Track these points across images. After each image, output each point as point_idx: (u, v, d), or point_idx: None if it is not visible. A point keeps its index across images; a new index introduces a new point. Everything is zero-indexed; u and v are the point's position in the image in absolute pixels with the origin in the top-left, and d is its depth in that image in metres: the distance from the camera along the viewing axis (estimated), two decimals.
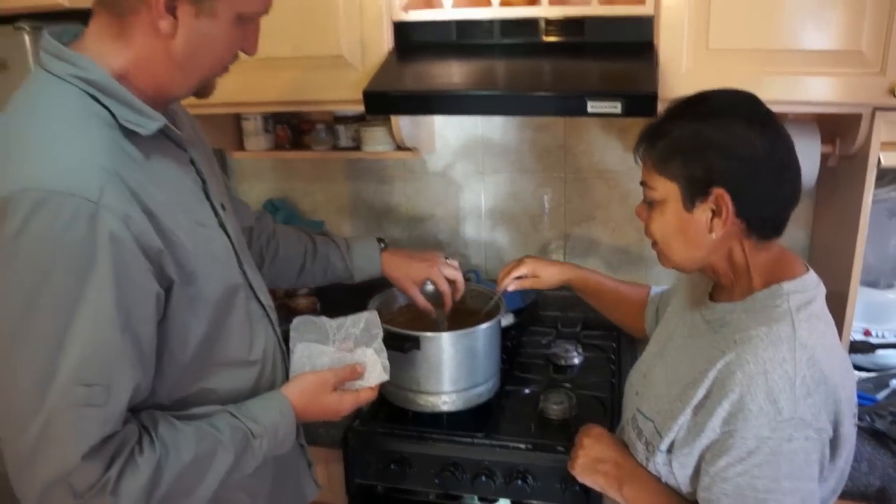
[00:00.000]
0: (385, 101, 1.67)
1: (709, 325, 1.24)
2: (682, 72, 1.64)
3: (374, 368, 1.43)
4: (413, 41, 1.80)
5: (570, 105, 1.57)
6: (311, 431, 1.71)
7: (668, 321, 1.42)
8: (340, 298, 2.27)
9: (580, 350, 2.01)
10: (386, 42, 1.79)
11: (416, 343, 1.66)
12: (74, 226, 0.96)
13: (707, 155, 1.13)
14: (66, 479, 1.00)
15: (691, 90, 1.21)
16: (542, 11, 1.73)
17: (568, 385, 1.85)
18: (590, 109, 1.54)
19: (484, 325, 1.70)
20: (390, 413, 1.76)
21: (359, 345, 1.44)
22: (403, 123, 1.92)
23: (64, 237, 0.95)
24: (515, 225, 2.27)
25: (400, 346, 1.65)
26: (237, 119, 2.20)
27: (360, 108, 1.70)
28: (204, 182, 1.24)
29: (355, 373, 1.39)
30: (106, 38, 1.08)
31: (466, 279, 2.08)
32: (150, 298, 1.05)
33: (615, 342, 2.07)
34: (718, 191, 1.13)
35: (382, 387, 1.77)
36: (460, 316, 1.87)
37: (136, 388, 1.05)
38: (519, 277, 1.75)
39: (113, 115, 1.05)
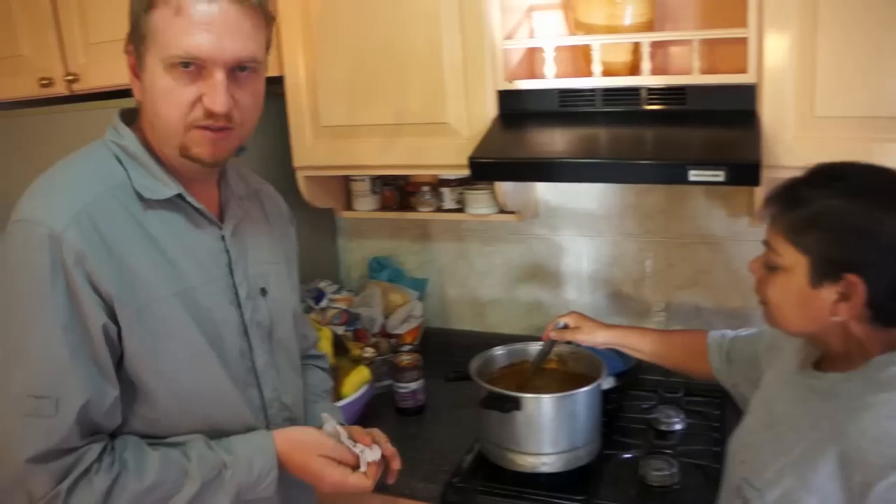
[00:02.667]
0: (490, 167, 1.73)
1: (817, 394, 1.20)
2: (787, 140, 1.63)
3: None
4: (516, 109, 1.86)
5: (672, 173, 1.59)
6: (409, 485, 1.73)
7: (768, 387, 1.39)
8: (443, 356, 2.32)
9: (683, 416, 1.98)
10: (490, 110, 1.86)
11: (516, 404, 1.68)
12: (36, 249, 1.07)
13: (847, 238, 1.08)
14: (23, 485, 1.08)
15: (797, 159, 1.21)
16: (644, 80, 1.76)
17: (669, 451, 1.82)
18: (691, 178, 1.55)
19: (585, 389, 1.71)
20: (489, 471, 1.77)
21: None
22: (507, 187, 1.98)
23: (26, 258, 1.08)
24: (617, 288, 2.27)
25: (500, 405, 1.68)
26: (346, 180, 2.30)
27: (465, 173, 1.77)
28: (230, 258, 1.28)
29: (353, 459, 1.31)
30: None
31: (567, 342, 2.10)
32: (98, 329, 1.10)
33: (719, 409, 2.02)
34: (853, 278, 1.08)
35: (483, 444, 1.81)
36: (562, 378, 1.89)
37: (87, 404, 1.09)
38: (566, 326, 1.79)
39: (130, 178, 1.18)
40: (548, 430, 1.71)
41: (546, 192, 2.26)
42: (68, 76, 1.96)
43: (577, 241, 2.28)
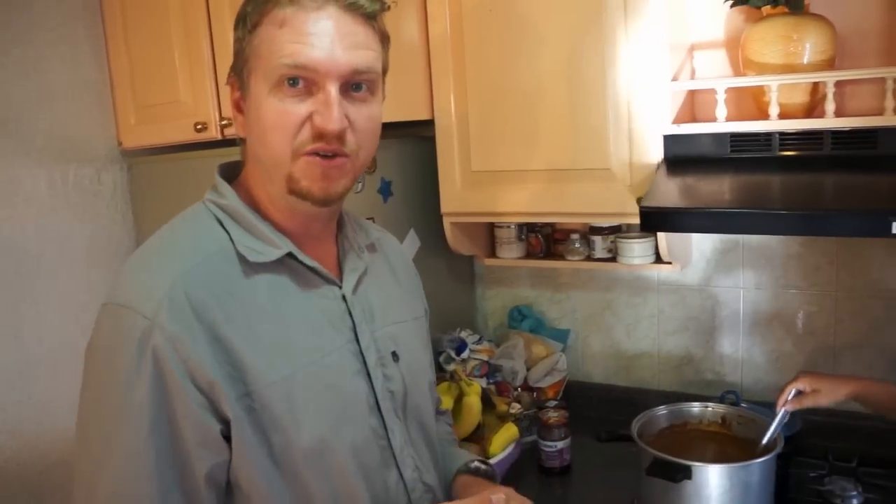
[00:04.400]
0: (663, 217, 1.61)
1: None
2: None
3: None
4: (682, 154, 1.75)
5: (871, 225, 1.44)
6: None
7: None
8: (585, 412, 2.21)
9: (860, 489, 1.79)
10: (655, 155, 1.76)
11: (687, 473, 1.55)
12: (124, 339, 0.94)
13: None
14: None
15: None
16: (829, 123, 1.62)
17: None
18: (895, 230, 1.41)
19: (761, 460, 1.58)
20: None
21: None
22: (669, 237, 1.85)
23: (113, 349, 0.96)
24: (776, 344, 2.11)
25: (671, 475, 1.55)
26: (490, 227, 2.23)
27: (627, 221, 1.66)
28: (353, 321, 1.12)
29: None
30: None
31: (729, 402, 1.95)
32: (195, 431, 0.96)
33: None
34: None
35: None
36: (725, 443, 1.75)
37: None
38: (799, 394, 1.64)
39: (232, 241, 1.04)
40: (719, 503, 1.57)
41: (702, 240, 2.13)
42: (222, 121, 1.97)
43: (734, 293, 2.14)
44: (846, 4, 1.79)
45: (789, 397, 1.65)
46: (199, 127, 2.01)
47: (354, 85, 1.02)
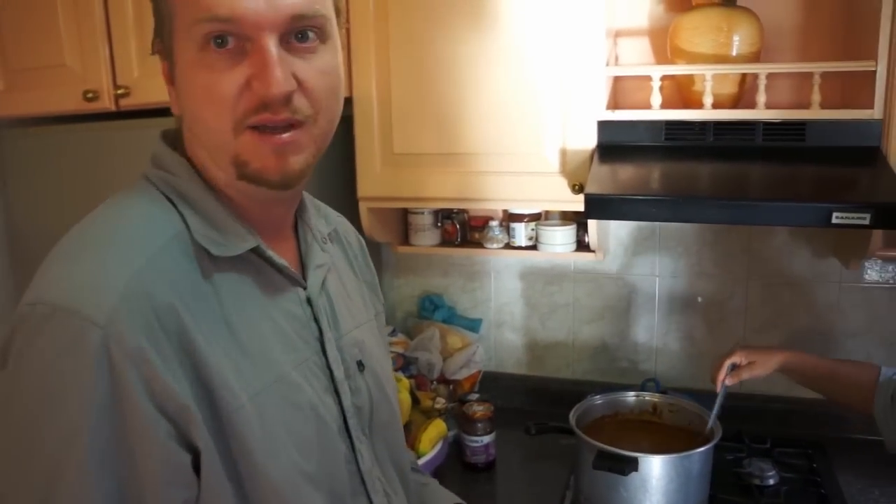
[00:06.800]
0: (607, 204, 1.57)
1: None
2: None
3: None
4: (616, 140, 1.72)
5: (813, 215, 1.47)
6: None
7: None
8: (504, 402, 2.16)
9: (777, 469, 1.85)
10: (589, 141, 1.72)
11: (634, 465, 1.54)
12: (73, 351, 0.74)
13: None
14: None
15: None
16: (762, 114, 1.65)
17: None
18: (835, 220, 1.45)
19: (703, 448, 1.59)
20: None
21: None
22: (597, 224, 1.83)
23: (60, 364, 0.74)
24: (690, 331, 2.14)
25: (620, 468, 1.53)
26: (404, 213, 2.13)
27: (555, 208, 1.62)
28: (321, 331, 0.97)
29: None
30: None
31: (650, 390, 1.96)
32: (156, 463, 0.77)
33: (812, 461, 1.90)
34: None
35: None
36: (662, 433, 1.76)
37: None
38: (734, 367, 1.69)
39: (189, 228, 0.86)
40: (665, 493, 1.57)
41: (619, 228, 2.13)
42: (117, 89, 1.74)
43: (649, 281, 2.15)
44: (767, 1, 1.82)
45: (728, 372, 1.69)
46: (89, 95, 1.77)
47: (298, 34, 0.82)
